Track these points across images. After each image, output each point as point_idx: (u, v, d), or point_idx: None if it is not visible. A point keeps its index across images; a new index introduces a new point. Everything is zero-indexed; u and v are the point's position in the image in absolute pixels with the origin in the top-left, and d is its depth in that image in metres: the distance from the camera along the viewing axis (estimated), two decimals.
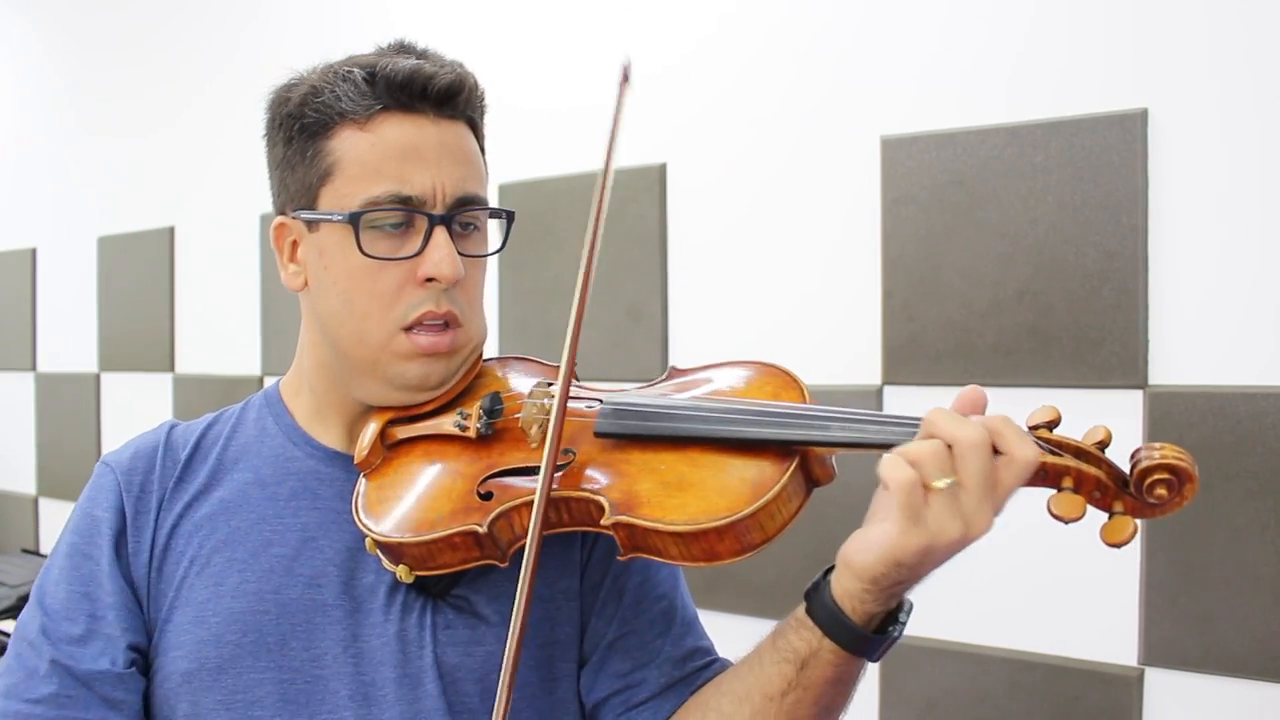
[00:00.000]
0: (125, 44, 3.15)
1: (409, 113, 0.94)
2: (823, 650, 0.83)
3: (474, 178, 0.97)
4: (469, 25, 2.32)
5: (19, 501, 3.42)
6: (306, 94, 0.96)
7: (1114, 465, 0.79)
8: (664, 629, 1.00)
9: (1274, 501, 1.48)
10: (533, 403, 0.96)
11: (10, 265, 3.49)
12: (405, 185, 0.93)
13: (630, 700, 0.98)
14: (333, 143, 0.94)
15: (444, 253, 0.93)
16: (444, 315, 0.95)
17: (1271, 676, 1.48)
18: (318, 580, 0.96)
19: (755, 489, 0.83)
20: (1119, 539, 0.78)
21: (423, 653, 0.95)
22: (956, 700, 1.73)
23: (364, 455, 0.98)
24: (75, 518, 1.01)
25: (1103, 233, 1.59)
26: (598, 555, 1.02)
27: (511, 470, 0.93)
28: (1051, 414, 0.81)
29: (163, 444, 1.03)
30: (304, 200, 0.97)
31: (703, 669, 0.99)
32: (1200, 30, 1.53)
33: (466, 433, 0.97)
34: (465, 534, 0.89)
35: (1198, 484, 0.76)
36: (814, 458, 0.86)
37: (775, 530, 0.84)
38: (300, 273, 1.00)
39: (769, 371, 0.95)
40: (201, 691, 0.93)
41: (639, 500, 0.86)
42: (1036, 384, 1.64)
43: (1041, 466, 0.78)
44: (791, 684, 0.85)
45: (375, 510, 0.94)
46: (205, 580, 0.96)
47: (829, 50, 1.87)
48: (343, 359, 0.98)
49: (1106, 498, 0.79)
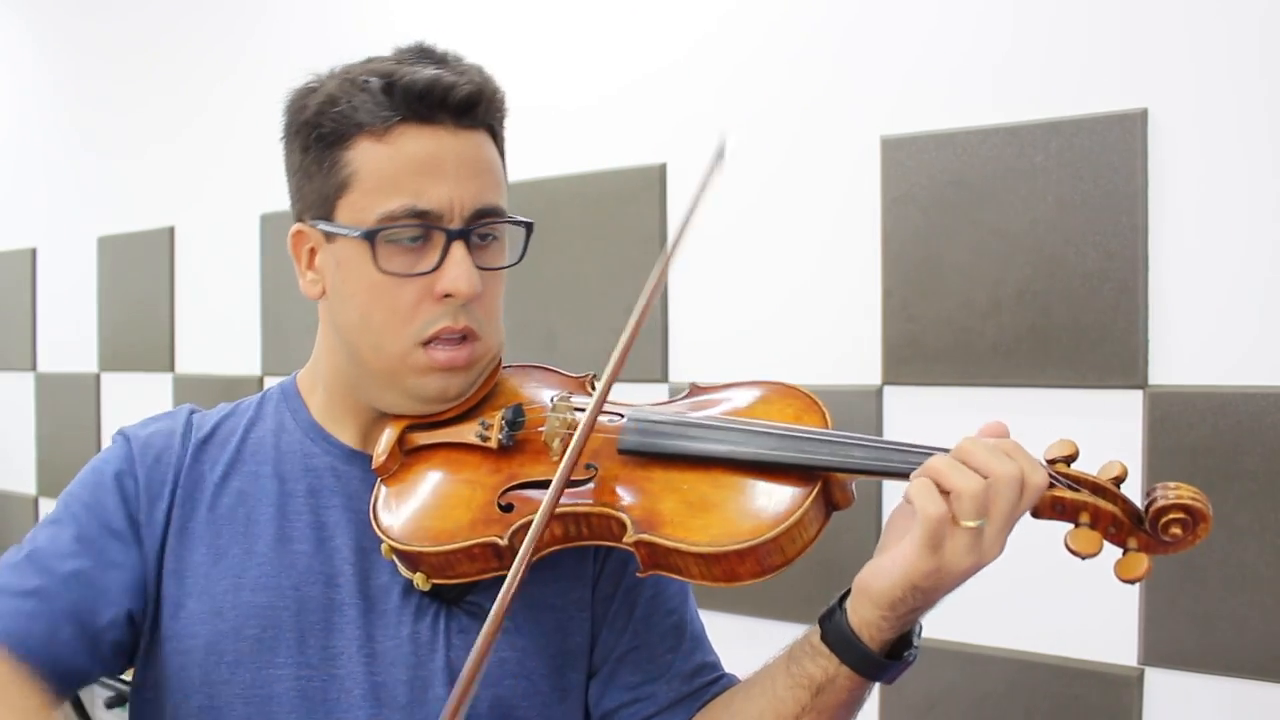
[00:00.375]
0: (126, 44, 3.15)
1: (427, 124, 0.93)
2: (839, 677, 0.84)
3: (492, 188, 0.96)
4: (469, 25, 2.32)
5: (19, 501, 3.42)
6: (323, 102, 0.94)
7: (1130, 502, 0.80)
8: (674, 643, 1.00)
9: (1274, 501, 1.48)
10: (556, 416, 0.95)
11: (10, 265, 3.49)
12: (422, 199, 0.91)
13: (639, 714, 0.98)
14: (350, 154, 0.93)
15: (461, 269, 0.92)
16: (461, 330, 0.94)
17: (1271, 676, 1.48)
18: (335, 579, 0.96)
19: (778, 513, 0.83)
20: (1133, 575, 0.79)
21: (434, 656, 0.94)
22: (956, 700, 1.73)
23: (382, 460, 0.97)
24: (85, 474, 0.99)
25: (1103, 233, 1.59)
26: (610, 567, 1.02)
27: (533, 483, 0.93)
28: (1069, 449, 0.82)
29: (181, 424, 1.03)
30: (321, 210, 0.96)
31: (710, 684, 1.00)
32: (1200, 30, 1.53)
33: (488, 443, 0.96)
34: (485, 545, 0.89)
35: (1211, 524, 0.78)
36: (835, 483, 0.87)
37: (795, 554, 0.85)
38: (318, 281, 0.99)
39: (791, 393, 0.95)
40: (219, 684, 0.93)
41: (662, 519, 0.86)
42: (1036, 384, 1.64)
43: (1059, 501, 0.80)
44: (806, 708, 0.86)
45: (393, 517, 0.94)
46: (223, 571, 0.96)
47: (829, 50, 1.87)
48: (361, 369, 0.98)
49: (1121, 534, 0.80)
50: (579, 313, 2.13)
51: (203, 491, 0.99)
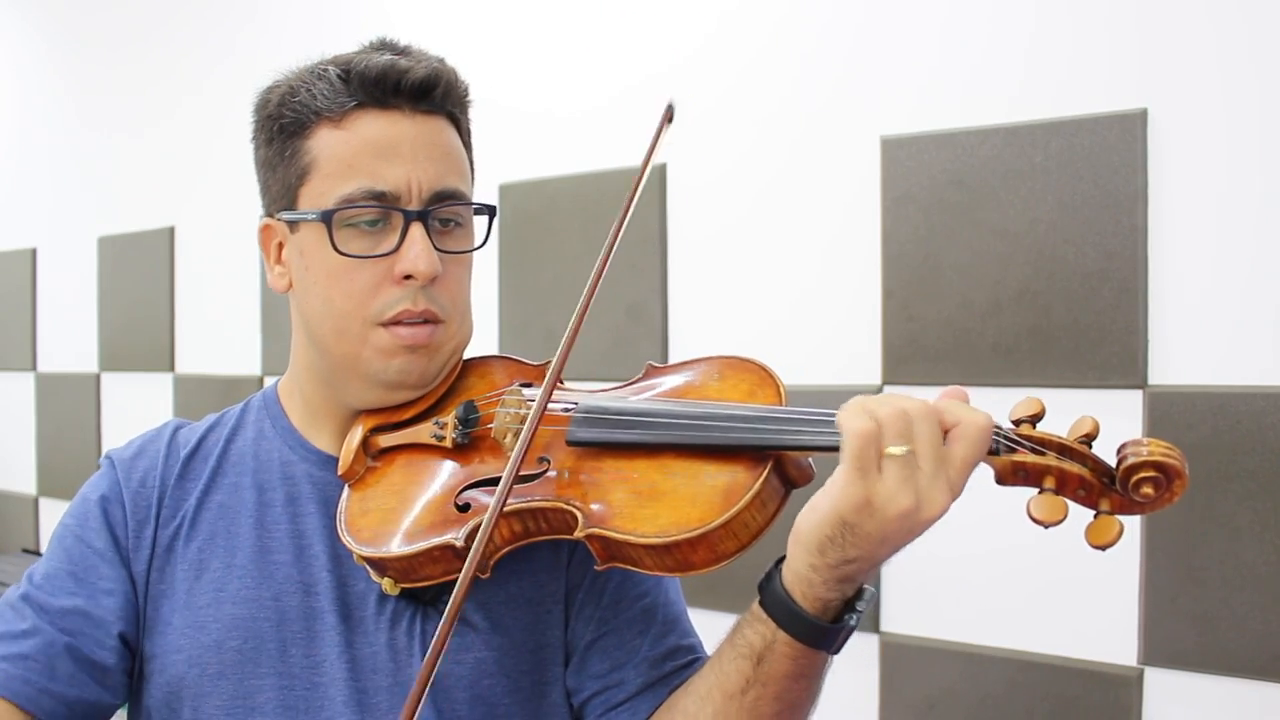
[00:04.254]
0: (125, 43, 3.15)
1: (384, 109, 0.93)
2: (777, 643, 0.80)
3: (453, 172, 0.96)
4: (469, 26, 2.32)
5: (19, 501, 3.42)
6: (284, 94, 0.96)
7: (1099, 460, 0.76)
8: (643, 628, 0.99)
9: (1274, 501, 1.48)
10: (506, 411, 0.94)
11: (10, 265, 3.49)
12: (379, 181, 0.92)
13: (610, 701, 0.97)
14: (310, 142, 0.94)
15: (419, 249, 0.92)
16: (421, 313, 0.94)
17: (1271, 676, 1.48)
18: (314, 587, 0.96)
19: (727, 497, 0.81)
20: (1104, 540, 0.74)
21: (412, 661, 0.94)
22: (956, 700, 1.73)
23: (347, 465, 0.97)
24: (74, 504, 1.01)
25: (1103, 233, 1.59)
26: (579, 556, 1.00)
27: (488, 480, 0.92)
28: (1035, 407, 0.78)
29: (166, 442, 1.03)
30: (285, 201, 0.96)
31: (684, 667, 0.97)
32: (1200, 30, 1.53)
33: (444, 443, 0.95)
34: (444, 547, 0.88)
35: (1187, 480, 0.73)
36: (789, 460, 0.84)
37: (750, 537, 0.82)
38: (285, 274, 1.00)
39: (745, 367, 0.92)
40: (202, 697, 0.93)
41: (611, 511, 0.84)
42: (1036, 384, 1.64)
43: (1021, 465, 0.76)
44: (750, 680, 0.83)
45: (358, 524, 0.93)
46: (205, 585, 0.96)
47: (829, 50, 1.87)
48: (326, 358, 0.98)
49: (1091, 495, 0.76)
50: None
51: (186, 509, 0.99)
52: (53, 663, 0.91)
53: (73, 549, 0.97)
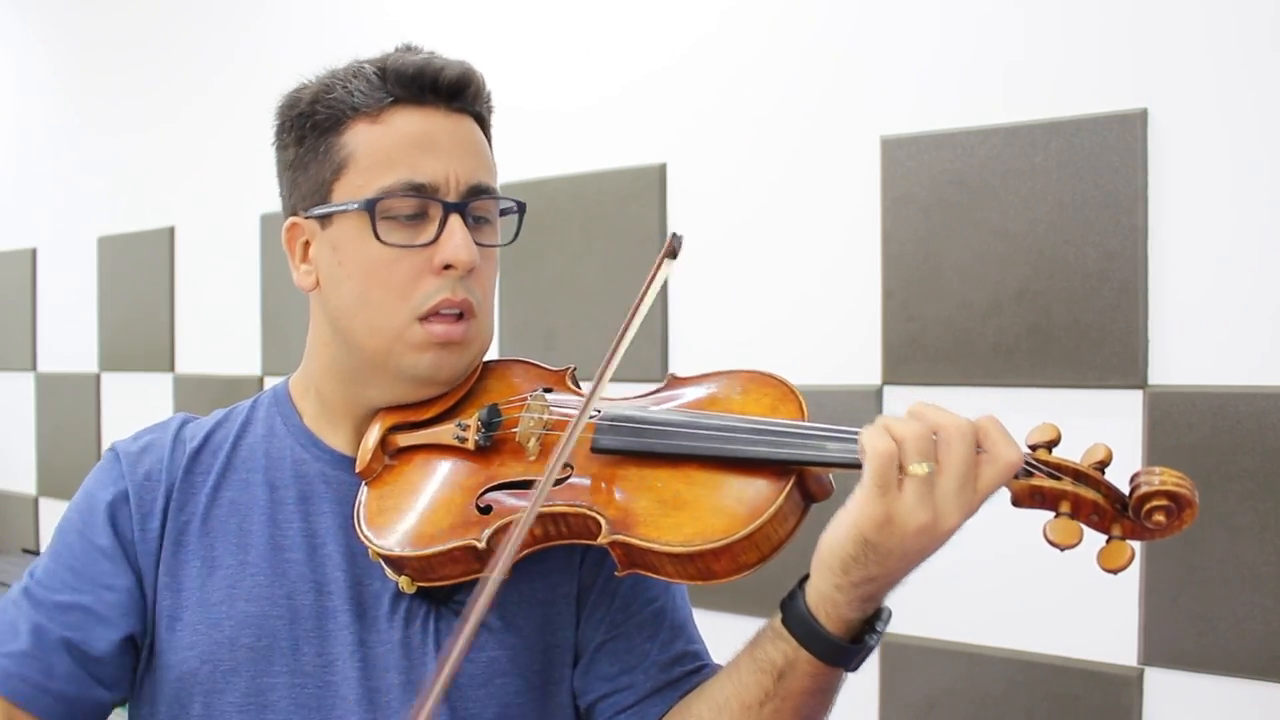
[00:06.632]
0: (126, 44, 3.15)
1: (420, 105, 0.95)
2: (799, 661, 0.82)
3: (485, 169, 0.98)
4: (469, 25, 2.32)
5: (19, 501, 3.42)
6: (318, 92, 0.96)
7: (1113, 487, 0.78)
8: (652, 632, 0.99)
9: (1274, 501, 1.48)
10: (531, 416, 0.95)
11: (10, 265, 3.49)
12: (418, 173, 0.93)
13: (618, 704, 0.97)
14: (345, 137, 0.95)
15: (460, 238, 0.93)
16: (460, 304, 0.95)
17: (1271, 676, 1.48)
18: (327, 586, 0.96)
19: (751, 509, 0.82)
20: (1116, 564, 0.77)
21: (426, 660, 0.94)
22: (956, 700, 1.73)
23: (365, 463, 0.97)
24: (77, 499, 1.00)
25: (1103, 233, 1.59)
26: (592, 558, 1.01)
27: (510, 484, 0.93)
28: (1051, 433, 0.80)
29: (172, 436, 1.03)
30: (317, 197, 0.97)
31: (692, 673, 0.98)
32: (1200, 30, 1.53)
33: (465, 444, 0.96)
34: (464, 548, 0.89)
35: (1198, 510, 0.75)
36: (810, 475, 0.86)
37: (771, 550, 0.83)
38: (312, 272, 1.00)
39: (768, 382, 0.94)
40: (215, 693, 0.93)
41: (635, 519, 0.85)
42: (1036, 384, 1.64)
43: (1038, 490, 0.78)
44: (769, 694, 0.84)
45: (376, 521, 0.94)
46: (217, 582, 0.96)
47: (829, 50, 1.87)
48: (354, 355, 0.98)
49: (1104, 521, 0.78)
50: (579, 312, 2.13)
51: (195, 504, 0.99)
52: (50, 659, 0.91)
53: (75, 544, 0.97)
